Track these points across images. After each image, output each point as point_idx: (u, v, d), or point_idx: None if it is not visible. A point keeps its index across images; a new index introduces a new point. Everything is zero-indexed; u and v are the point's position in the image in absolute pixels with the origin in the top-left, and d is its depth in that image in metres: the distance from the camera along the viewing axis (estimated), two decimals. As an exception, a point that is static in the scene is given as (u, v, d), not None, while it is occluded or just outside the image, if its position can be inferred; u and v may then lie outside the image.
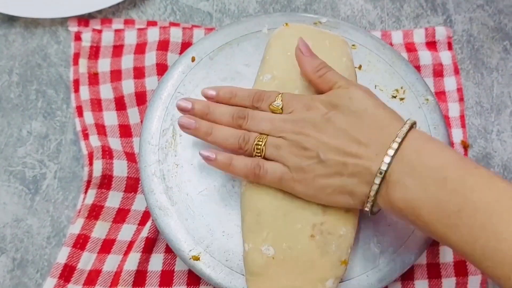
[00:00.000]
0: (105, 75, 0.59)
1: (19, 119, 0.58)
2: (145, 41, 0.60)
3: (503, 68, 0.61)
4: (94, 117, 0.57)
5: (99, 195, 0.53)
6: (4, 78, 0.59)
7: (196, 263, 0.48)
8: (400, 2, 0.64)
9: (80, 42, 0.60)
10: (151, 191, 0.50)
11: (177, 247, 0.48)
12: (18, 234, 0.53)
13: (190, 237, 0.48)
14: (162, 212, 0.49)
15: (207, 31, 0.61)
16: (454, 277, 0.51)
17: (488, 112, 0.59)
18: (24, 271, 0.52)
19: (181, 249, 0.48)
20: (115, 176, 0.54)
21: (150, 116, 0.53)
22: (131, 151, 0.56)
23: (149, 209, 0.49)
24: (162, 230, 0.49)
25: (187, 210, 0.49)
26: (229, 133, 0.47)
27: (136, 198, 0.54)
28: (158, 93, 0.54)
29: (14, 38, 0.61)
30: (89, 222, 0.53)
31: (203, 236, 0.48)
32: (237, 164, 0.47)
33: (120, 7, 0.63)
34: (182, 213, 0.49)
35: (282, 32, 0.52)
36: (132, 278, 0.50)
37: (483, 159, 0.57)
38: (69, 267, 0.51)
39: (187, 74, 0.54)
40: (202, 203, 0.49)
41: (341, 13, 0.63)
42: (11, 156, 0.56)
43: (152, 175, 0.50)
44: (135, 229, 0.53)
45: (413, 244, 0.49)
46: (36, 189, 0.55)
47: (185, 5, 0.63)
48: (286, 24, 0.53)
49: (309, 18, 0.57)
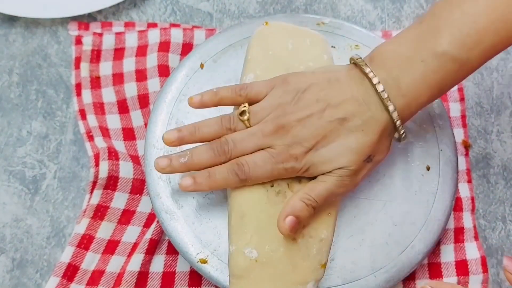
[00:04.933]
0: (107, 79, 0.59)
1: (19, 119, 0.57)
2: (146, 43, 0.60)
3: (503, 69, 0.61)
4: (98, 120, 0.57)
5: (104, 196, 0.53)
6: (4, 78, 0.59)
7: (204, 266, 0.47)
8: (400, 2, 0.64)
9: (81, 46, 0.60)
10: (157, 194, 0.49)
11: (185, 251, 0.48)
12: (18, 234, 0.53)
13: (197, 241, 0.48)
14: (168, 215, 0.49)
15: (207, 31, 0.61)
16: (456, 277, 0.51)
17: (488, 112, 0.59)
18: (23, 271, 0.52)
19: (188, 253, 0.48)
20: (121, 177, 0.54)
21: (155, 119, 0.52)
22: (135, 153, 0.56)
23: (155, 212, 0.49)
24: (169, 234, 0.48)
25: (194, 213, 0.49)
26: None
27: (141, 200, 0.54)
28: (162, 96, 0.53)
29: (14, 38, 0.61)
30: (94, 223, 0.52)
31: (210, 239, 0.48)
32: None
33: (120, 7, 0.62)
34: (189, 217, 0.49)
35: (262, 31, 0.52)
36: (134, 279, 0.50)
37: (483, 159, 0.57)
38: (73, 266, 0.51)
39: (191, 77, 0.54)
40: (209, 206, 0.49)
41: (341, 14, 0.63)
42: (11, 156, 0.56)
43: (158, 178, 0.50)
44: (140, 231, 0.53)
45: (420, 244, 0.49)
46: (35, 189, 0.55)
47: (185, 5, 0.63)
48: (266, 23, 0.53)
49: (311, 19, 0.57)
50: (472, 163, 0.57)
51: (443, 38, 0.43)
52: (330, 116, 0.44)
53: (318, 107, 0.44)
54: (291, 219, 0.43)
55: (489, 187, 0.56)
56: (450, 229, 0.53)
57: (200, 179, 0.45)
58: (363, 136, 0.44)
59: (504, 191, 0.56)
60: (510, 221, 0.55)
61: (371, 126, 0.44)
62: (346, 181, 0.44)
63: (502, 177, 0.56)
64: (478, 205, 0.55)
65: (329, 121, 0.44)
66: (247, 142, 0.45)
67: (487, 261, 0.52)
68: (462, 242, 0.53)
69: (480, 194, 0.56)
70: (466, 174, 0.56)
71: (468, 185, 0.55)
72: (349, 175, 0.44)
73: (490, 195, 0.56)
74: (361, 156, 0.44)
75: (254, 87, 0.47)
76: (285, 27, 0.53)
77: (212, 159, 0.45)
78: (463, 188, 0.55)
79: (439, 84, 0.44)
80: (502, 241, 0.54)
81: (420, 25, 0.45)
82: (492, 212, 0.55)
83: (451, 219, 0.53)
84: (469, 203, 0.54)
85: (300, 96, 0.45)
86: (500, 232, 0.55)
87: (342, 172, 0.44)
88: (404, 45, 0.44)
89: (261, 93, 0.46)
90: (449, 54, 0.43)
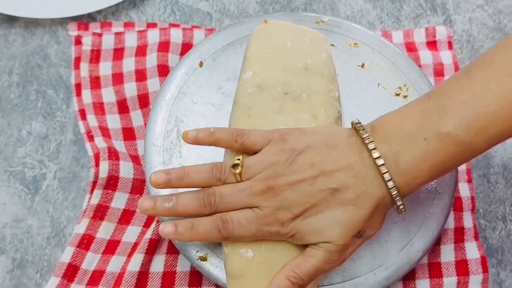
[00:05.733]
0: (107, 79, 0.59)
1: (19, 119, 0.57)
2: (145, 43, 0.60)
3: (503, 68, 0.61)
4: (98, 120, 0.57)
5: (104, 196, 0.53)
6: (4, 78, 0.59)
7: (203, 264, 0.47)
8: (400, 2, 0.64)
9: (80, 46, 0.60)
10: (157, 193, 0.49)
11: (184, 248, 0.48)
12: (18, 235, 0.53)
13: None
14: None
15: (207, 31, 0.61)
16: (456, 277, 0.51)
17: (488, 112, 0.59)
18: (23, 271, 0.52)
19: (188, 250, 0.48)
20: (121, 177, 0.54)
21: (154, 117, 0.53)
22: (135, 153, 0.56)
23: None
24: None
25: None
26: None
27: None
28: (162, 95, 0.53)
29: (14, 38, 0.61)
30: (94, 223, 0.52)
31: None
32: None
33: (120, 7, 0.62)
34: None
35: (261, 30, 0.52)
36: (134, 279, 0.50)
37: (483, 159, 0.57)
38: (73, 266, 0.51)
39: (190, 75, 0.54)
40: None
41: (340, 13, 0.63)
42: (11, 156, 0.56)
43: None
44: (140, 231, 0.53)
45: (420, 242, 0.49)
46: (36, 190, 0.55)
47: (184, 5, 0.63)
48: (265, 21, 0.53)
49: (310, 17, 0.57)
50: (472, 162, 0.57)
51: (449, 119, 0.40)
52: (323, 184, 0.42)
53: (311, 173, 0.42)
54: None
55: (489, 186, 0.56)
56: (450, 229, 0.53)
57: (182, 228, 0.44)
58: (355, 210, 0.42)
59: (504, 190, 0.56)
60: (510, 221, 0.55)
61: (364, 201, 0.42)
62: (333, 257, 0.42)
63: (502, 176, 0.56)
64: (478, 204, 0.55)
65: (320, 190, 0.42)
66: (235, 197, 0.43)
67: (487, 261, 0.52)
68: (462, 242, 0.53)
69: (480, 193, 0.56)
70: (466, 173, 0.56)
71: (468, 184, 0.55)
72: (336, 250, 0.42)
73: (490, 194, 0.56)
74: (351, 231, 0.42)
75: (251, 136, 0.45)
76: (284, 25, 0.53)
77: (197, 209, 0.44)
78: (463, 187, 0.55)
79: (440, 165, 0.41)
80: (502, 241, 0.54)
81: (427, 101, 0.42)
82: (492, 212, 0.55)
83: (451, 219, 0.53)
84: (469, 202, 0.54)
85: (294, 158, 0.43)
86: (500, 231, 0.55)
87: (329, 247, 0.42)
88: (408, 120, 0.42)
89: (257, 144, 0.44)
90: (453, 136, 0.40)
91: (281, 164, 0.43)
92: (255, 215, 0.43)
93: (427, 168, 0.41)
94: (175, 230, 0.44)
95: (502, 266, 0.53)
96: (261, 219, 0.43)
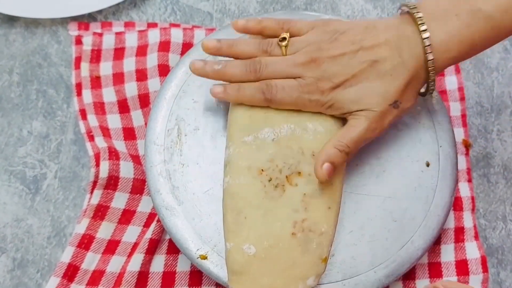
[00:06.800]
0: (107, 78, 0.59)
1: (20, 119, 0.57)
2: (146, 43, 0.60)
3: (503, 68, 0.61)
4: (98, 120, 0.57)
5: (105, 196, 0.53)
6: (5, 78, 0.59)
7: (204, 262, 0.47)
8: (400, 2, 0.64)
9: (81, 46, 0.60)
10: (157, 191, 0.49)
11: (185, 247, 0.48)
12: (19, 234, 0.53)
13: (197, 237, 0.48)
14: (169, 212, 0.49)
15: (207, 31, 0.61)
16: (456, 276, 0.51)
17: (488, 112, 0.59)
18: (24, 271, 0.52)
19: (188, 249, 0.48)
20: (121, 177, 0.54)
21: (155, 116, 0.53)
22: (135, 153, 0.56)
23: (155, 209, 0.49)
24: (169, 230, 0.48)
25: (194, 209, 0.49)
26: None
27: (141, 199, 0.54)
28: (162, 93, 0.53)
29: (14, 38, 0.61)
30: (94, 223, 0.52)
31: (210, 235, 0.48)
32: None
33: (120, 7, 0.62)
34: (189, 213, 0.49)
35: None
36: (134, 279, 0.50)
37: (483, 159, 0.57)
38: (73, 266, 0.51)
39: (190, 74, 0.54)
40: (209, 202, 0.49)
41: (341, 13, 0.63)
42: (11, 156, 0.56)
43: (158, 175, 0.50)
44: (140, 231, 0.53)
45: (420, 240, 0.49)
46: (36, 189, 0.55)
47: (185, 5, 0.63)
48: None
49: (310, 16, 0.57)
50: (472, 162, 0.57)
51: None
52: (362, 57, 0.46)
53: (352, 48, 0.46)
54: (328, 165, 0.45)
55: (490, 186, 0.56)
56: (450, 229, 0.53)
57: (230, 90, 0.48)
58: (391, 80, 0.46)
59: (505, 190, 0.56)
60: (511, 221, 0.55)
61: (400, 72, 0.45)
62: (373, 125, 0.46)
63: (502, 176, 0.56)
64: (478, 204, 0.55)
65: (360, 62, 0.46)
66: (279, 66, 0.47)
67: (487, 261, 0.52)
68: (463, 241, 0.53)
69: (480, 193, 0.56)
70: (467, 173, 0.56)
71: (469, 184, 0.55)
72: (375, 117, 0.46)
73: (491, 194, 0.56)
74: (388, 100, 0.46)
75: (298, 24, 0.49)
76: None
77: (242, 74, 0.48)
78: (464, 187, 0.55)
79: (469, 41, 0.45)
80: (502, 241, 0.54)
81: None
82: (493, 212, 0.55)
83: (451, 218, 0.53)
84: (469, 202, 0.54)
85: (337, 37, 0.47)
86: (500, 231, 0.55)
87: (368, 114, 0.46)
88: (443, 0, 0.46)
89: (302, 30, 0.48)
90: (483, 12, 0.44)
91: (324, 42, 0.47)
92: (297, 83, 0.47)
93: (456, 43, 0.45)
94: (224, 90, 0.48)
95: (502, 266, 0.53)
96: (303, 87, 0.46)
